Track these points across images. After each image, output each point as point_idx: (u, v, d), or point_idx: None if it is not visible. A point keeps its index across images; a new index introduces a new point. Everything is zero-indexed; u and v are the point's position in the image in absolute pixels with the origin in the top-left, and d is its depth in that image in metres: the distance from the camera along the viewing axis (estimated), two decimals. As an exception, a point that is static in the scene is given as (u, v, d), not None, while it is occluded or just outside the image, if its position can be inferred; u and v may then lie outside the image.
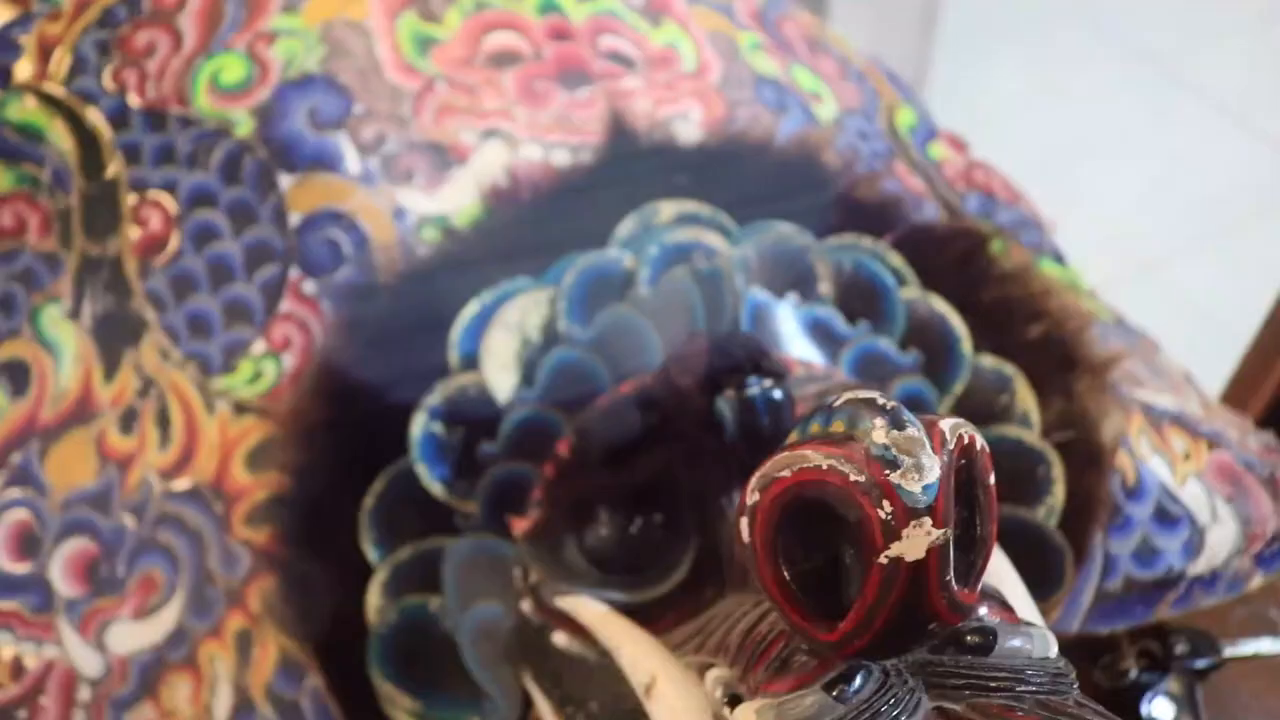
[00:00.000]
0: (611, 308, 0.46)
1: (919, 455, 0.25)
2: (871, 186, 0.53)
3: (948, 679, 0.27)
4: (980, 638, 0.27)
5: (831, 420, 0.27)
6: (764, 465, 0.27)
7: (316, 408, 0.49)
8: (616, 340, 0.46)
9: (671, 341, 0.45)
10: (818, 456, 0.26)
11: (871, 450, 0.25)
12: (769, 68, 0.64)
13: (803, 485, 0.26)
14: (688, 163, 0.50)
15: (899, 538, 0.25)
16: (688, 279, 0.45)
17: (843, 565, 0.27)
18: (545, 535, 0.42)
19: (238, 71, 0.55)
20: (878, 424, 0.25)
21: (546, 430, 0.46)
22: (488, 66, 0.56)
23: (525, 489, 0.46)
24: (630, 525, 0.39)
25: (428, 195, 0.53)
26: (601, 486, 0.39)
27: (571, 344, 0.46)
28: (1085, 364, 0.52)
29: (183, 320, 0.53)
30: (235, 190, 0.53)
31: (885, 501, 0.25)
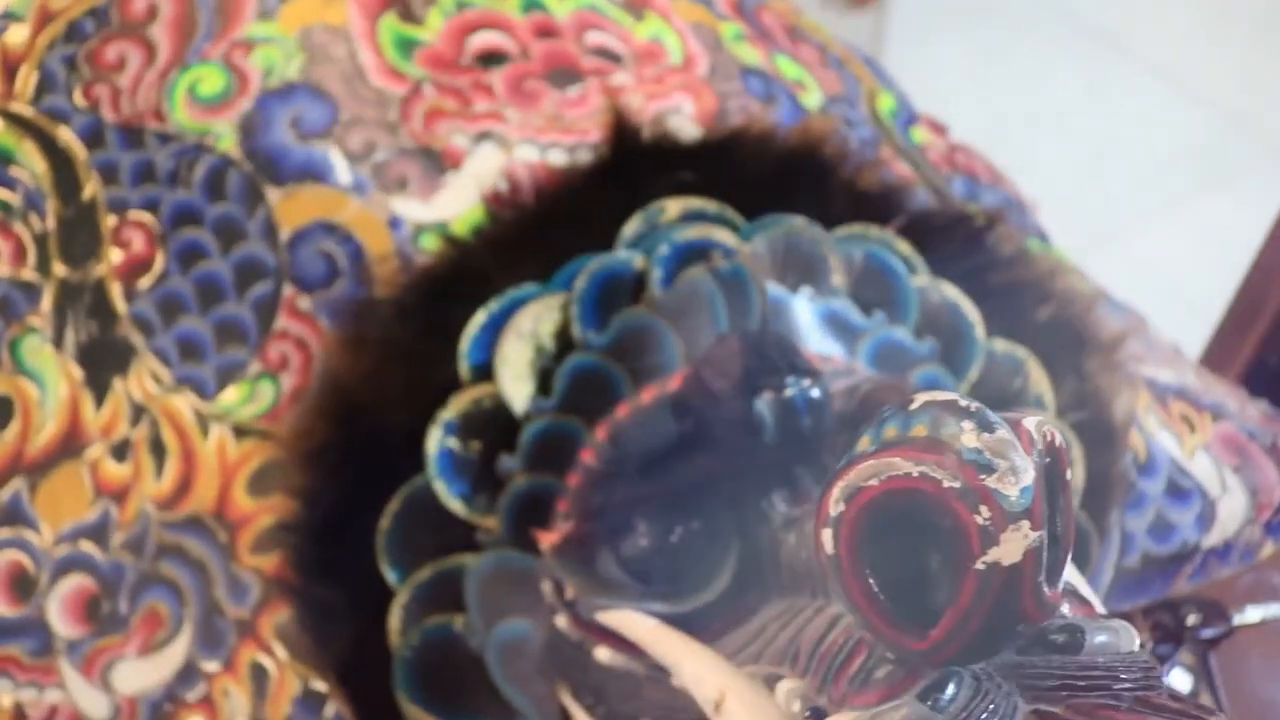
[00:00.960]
0: (627, 311, 0.45)
1: (1012, 457, 0.24)
2: (874, 175, 0.52)
3: (1041, 681, 0.26)
4: (1068, 636, 0.27)
5: (911, 424, 0.26)
6: (845, 474, 0.26)
7: (322, 428, 0.47)
8: (634, 344, 0.45)
9: (692, 343, 0.44)
10: (907, 464, 0.25)
11: (964, 455, 0.24)
12: (753, 58, 0.63)
13: (892, 494, 0.25)
14: (691, 159, 0.49)
15: (996, 543, 0.24)
16: (706, 279, 0.44)
17: (927, 571, 0.26)
18: (577, 548, 0.40)
19: (216, 83, 0.53)
20: (966, 427, 0.25)
21: (568, 440, 0.44)
22: (475, 67, 0.55)
23: (549, 501, 0.44)
24: (670, 535, 0.38)
25: (423, 203, 0.52)
26: (640, 498, 0.38)
27: (588, 350, 0.45)
28: (1095, 343, 0.52)
29: (173, 344, 0.51)
30: (221, 207, 0.51)
31: (982, 507, 0.24)
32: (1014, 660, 0.27)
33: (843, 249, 0.49)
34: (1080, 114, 1.83)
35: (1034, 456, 0.25)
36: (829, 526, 0.26)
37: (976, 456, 0.24)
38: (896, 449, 0.26)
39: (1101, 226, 1.64)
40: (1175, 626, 0.59)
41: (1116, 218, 1.64)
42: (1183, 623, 0.59)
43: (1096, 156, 1.74)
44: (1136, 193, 1.68)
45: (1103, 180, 1.71)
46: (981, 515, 0.24)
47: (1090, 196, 1.69)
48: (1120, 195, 1.70)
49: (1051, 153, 1.71)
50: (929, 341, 0.49)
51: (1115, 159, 1.74)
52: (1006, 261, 0.53)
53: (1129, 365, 0.53)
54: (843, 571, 0.26)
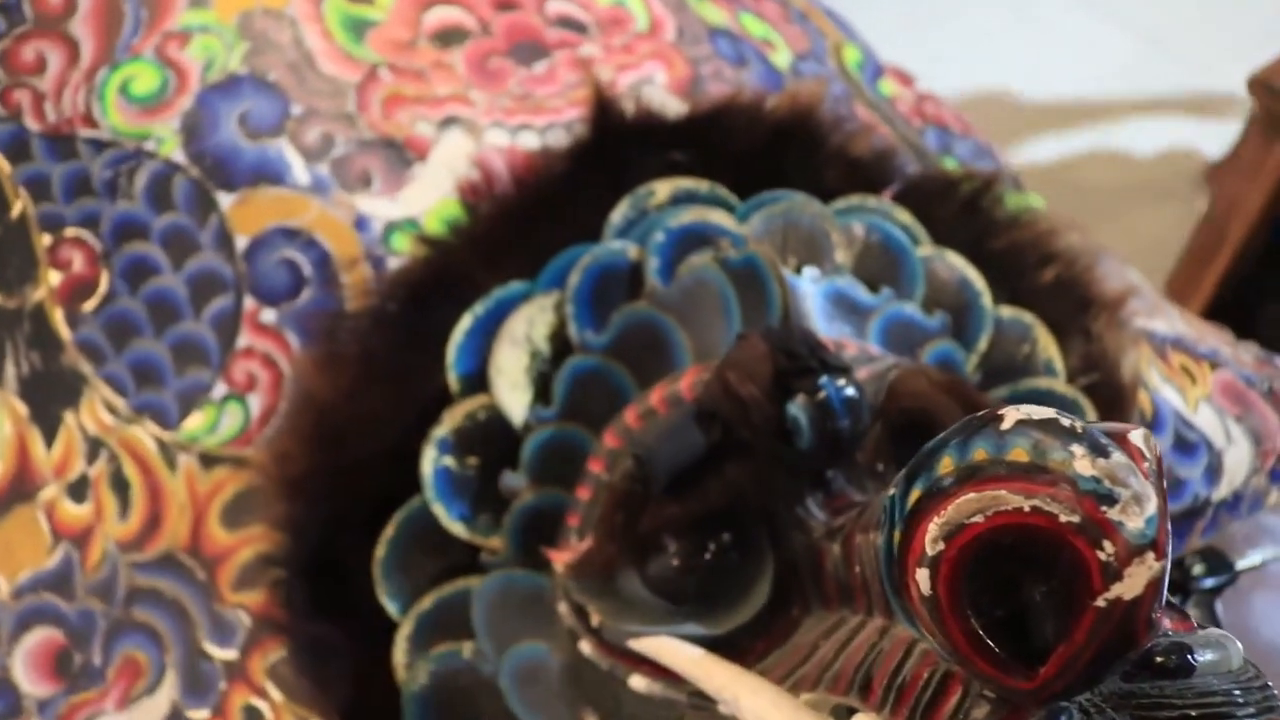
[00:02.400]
0: (627, 308, 0.42)
1: (1133, 484, 0.22)
2: (865, 141, 0.49)
3: (1156, 711, 0.24)
4: (1176, 658, 0.25)
5: (1006, 446, 0.24)
6: (940, 508, 0.24)
7: (303, 453, 0.44)
8: (637, 342, 0.42)
9: (701, 339, 0.41)
10: (1016, 497, 0.23)
11: (1080, 485, 0.22)
12: (718, 17, 0.60)
13: (999, 531, 0.23)
14: (678, 137, 0.46)
15: (1120, 578, 0.22)
16: (714, 270, 0.41)
17: (1031, 604, 0.24)
18: (598, 569, 0.38)
19: (150, 80, 0.48)
20: (1077, 452, 0.22)
21: (574, 449, 0.42)
22: (433, 47, 0.51)
23: (558, 516, 0.42)
24: (703, 552, 0.36)
25: (390, 199, 0.48)
26: (671, 517, 0.35)
27: (587, 351, 0.42)
28: (1100, 302, 0.50)
29: (126, 370, 0.47)
30: (168, 217, 0.47)
31: (1106, 542, 0.22)
32: (1123, 689, 0.25)
33: (843, 222, 0.46)
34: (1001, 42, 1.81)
35: (1152, 479, 0.23)
36: (925, 566, 0.24)
37: (1095, 486, 0.22)
38: (998, 479, 0.23)
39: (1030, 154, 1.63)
40: (1180, 579, 0.59)
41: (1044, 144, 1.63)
42: (1188, 574, 0.59)
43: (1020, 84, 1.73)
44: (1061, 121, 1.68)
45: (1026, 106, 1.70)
46: (1105, 551, 0.22)
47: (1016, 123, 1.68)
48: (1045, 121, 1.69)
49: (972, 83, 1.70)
50: (938, 315, 0.46)
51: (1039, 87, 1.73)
52: (1006, 223, 0.50)
53: (1132, 321, 0.52)
54: (941, 613, 0.24)
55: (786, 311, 0.39)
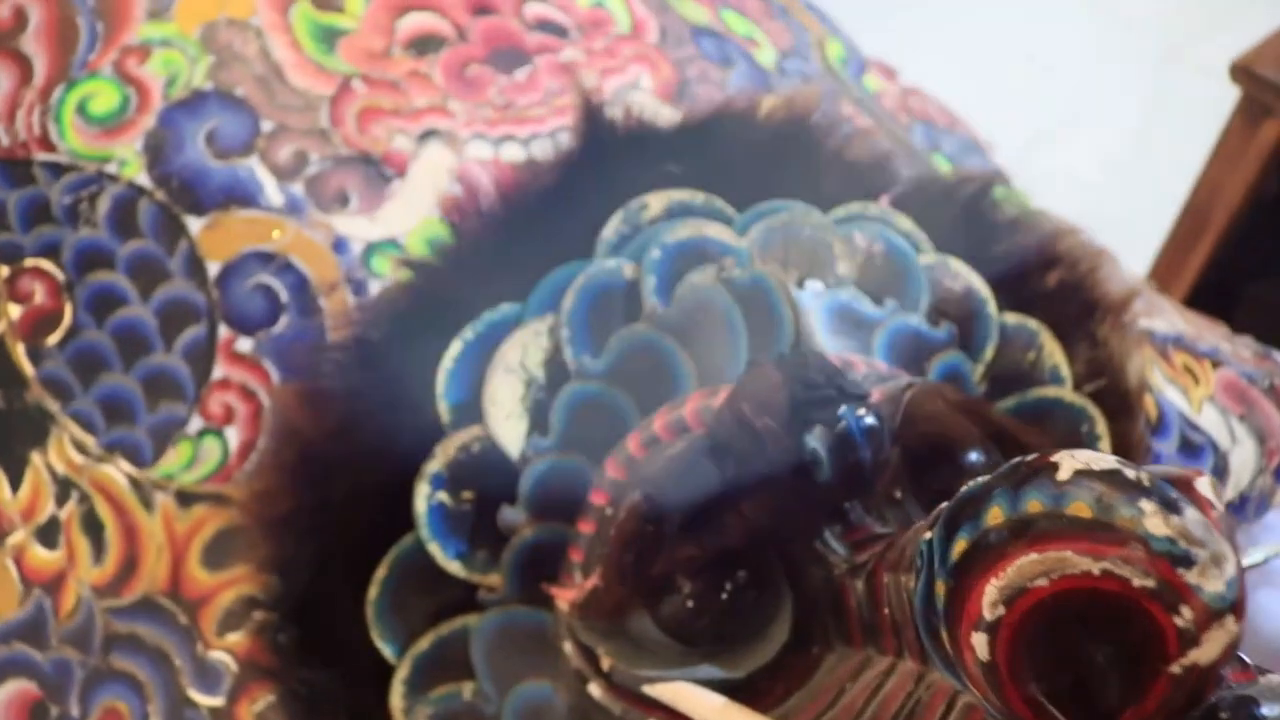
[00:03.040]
0: (626, 330, 0.40)
1: (1210, 543, 0.21)
2: (863, 144, 0.48)
3: (1225, 772, 0.23)
4: (1243, 714, 0.23)
5: (1065, 500, 0.22)
6: (997, 569, 0.22)
7: (287, 491, 0.41)
8: (638, 367, 0.40)
9: (705, 363, 0.39)
10: (1083, 559, 0.21)
11: (1153, 545, 0.21)
12: (700, 16, 0.58)
13: (1065, 595, 0.21)
14: (671, 147, 0.44)
15: (1197, 644, 0.21)
16: (718, 290, 0.39)
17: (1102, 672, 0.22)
18: (606, 609, 0.36)
19: (110, 99, 0.46)
20: (1147, 509, 0.21)
21: (574, 481, 0.40)
22: (409, 55, 0.48)
23: (559, 551, 0.40)
24: (719, 592, 0.34)
25: (369, 218, 0.46)
26: (686, 559, 0.33)
27: (584, 377, 0.40)
28: (1105, 306, 0.49)
29: (95, 406, 0.45)
30: (134, 244, 0.44)
31: (1184, 607, 0.20)
32: (1188, 749, 0.23)
33: (844, 232, 0.44)
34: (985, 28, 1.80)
35: (1222, 529, 0.21)
36: (983, 631, 0.22)
37: (1170, 547, 0.21)
38: (1060, 537, 0.22)
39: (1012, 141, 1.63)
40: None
41: (1027, 130, 1.63)
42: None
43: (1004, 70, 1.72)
44: (1044, 106, 1.67)
45: (1010, 94, 1.69)
46: (1182, 617, 0.21)
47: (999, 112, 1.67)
48: (1030, 109, 1.69)
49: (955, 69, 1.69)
50: (945, 326, 0.45)
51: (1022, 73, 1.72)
52: (1007, 226, 0.49)
53: (1136, 323, 0.50)
54: (1000, 680, 0.22)
55: (798, 335, 0.38)
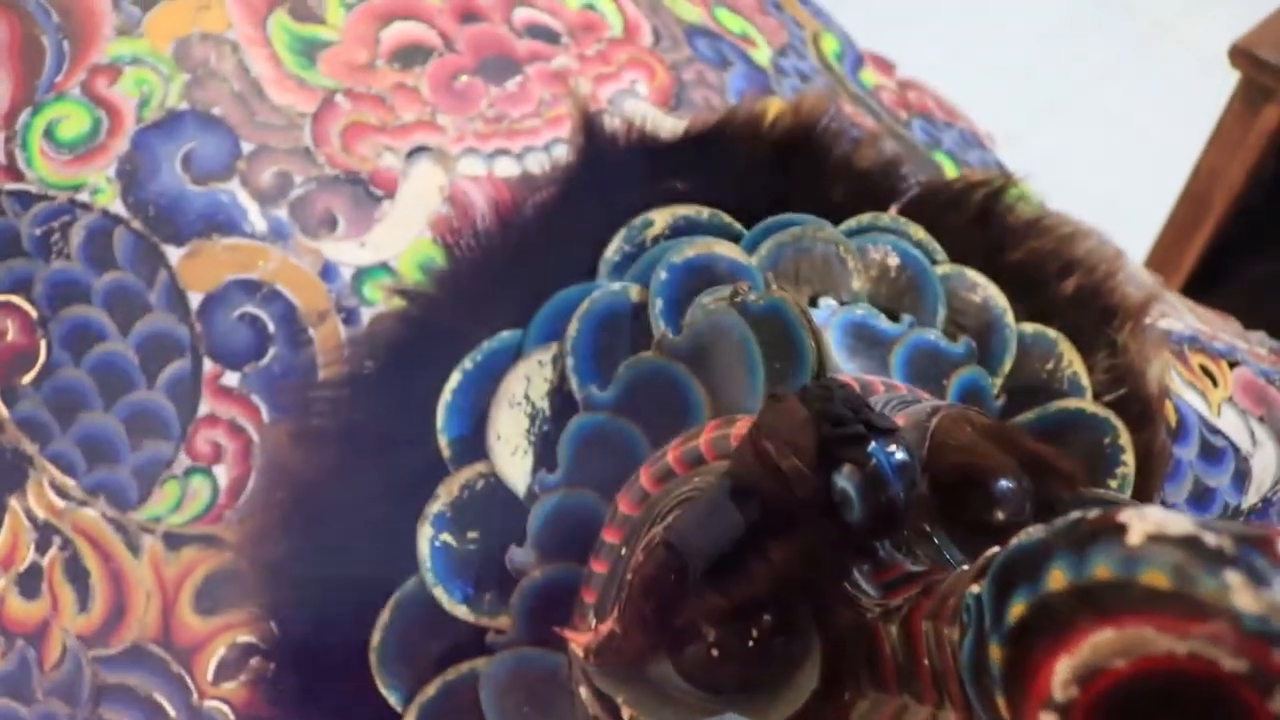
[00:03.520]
0: (635, 359, 0.38)
1: (1307, 621, 0.19)
2: (872, 150, 0.46)
3: None
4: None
5: (1138, 568, 0.20)
6: (1070, 643, 0.20)
7: (282, 534, 0.40)
8: (648, 397, 0.38)
9: (718, 392, 0.37)
10: (1166, 639, 0.19)
11: (1245, 624, 0.19)
12: (693, 14, 0.56)
13: (1146, 677, 0.20)
14: (675, 161, 0.42)
15: (1293, 731, 0.19)
16: (732, 316, 0.37)
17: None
18: (624, 657, 0.34)
19: (79, 122, 0.43)
20: (1233, 582, 0.19)
21: (585, 518, 0.38)
22: (394, 68, 0.46)
23: (571, 592, 0.38)
24: (746, 639, 0.32)
25: (358, 242, 0.43)
26: (713, 609, 0.32)
27: (592, 408, 0.38)
28: (1124, 311, 0.47)
29: (75, 447, 0.43)
30: (111, 277, 0.42)
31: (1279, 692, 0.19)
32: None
33: (857, 245, 0.42)
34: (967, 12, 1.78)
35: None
36: (1053, 712, 0.21)
37: (1262, 626, 0.19)
38: (1137, 612, 0.20)
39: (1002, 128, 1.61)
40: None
41: (1016, 117, 1.61)
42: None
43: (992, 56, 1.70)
44: (1033, 92, 1.66)
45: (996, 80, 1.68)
46: (1276, 703, 0.19)
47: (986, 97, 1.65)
48: (1017, 95, 1.67)
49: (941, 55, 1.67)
50: (963, 340, 0.43)
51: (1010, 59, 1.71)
52: (1022, 230, 0.47)
53: (1155, 328, 0.49)
54: (1073, 766, 0.21)
55: (821, 365, 0.36)
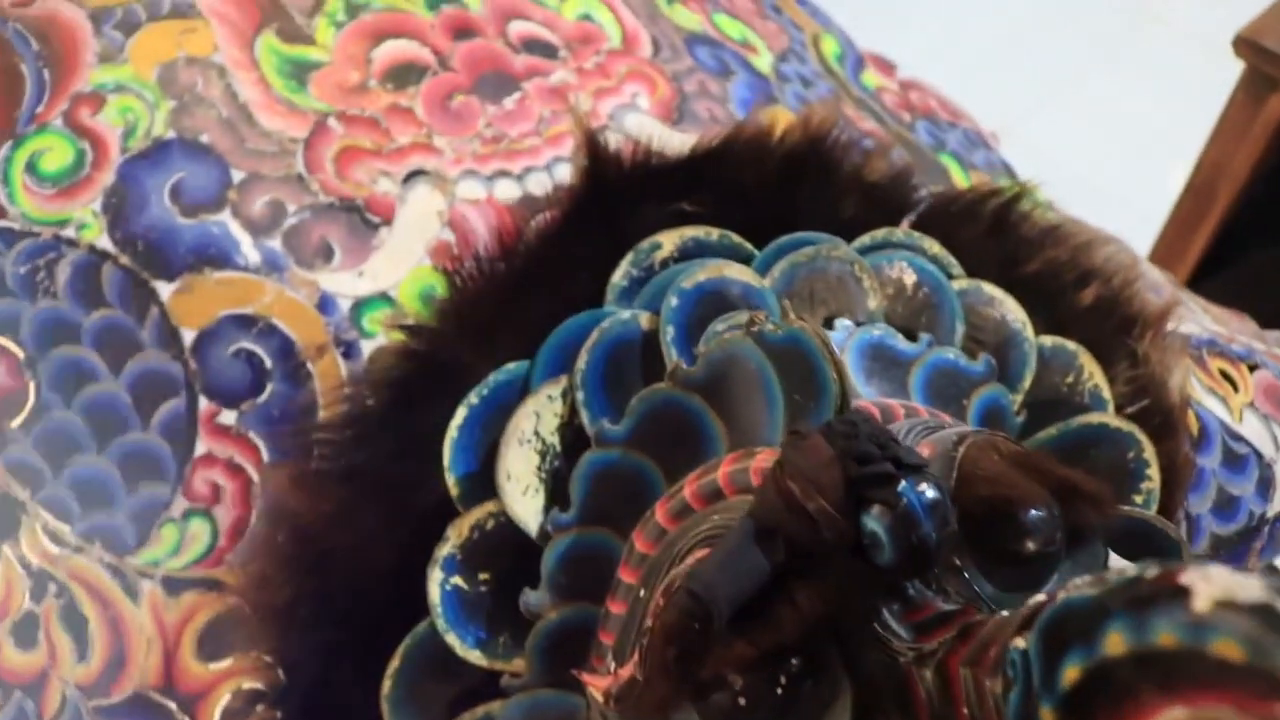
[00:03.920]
0: (648, 391, 0.37)
1: (1397, 700, 0.18)
2: (882, 162, 0.44)
3: None
4: None
5: (1207, 637, 0.19)
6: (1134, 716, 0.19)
7: (287, 579, 0.38)
8: (662, 431, 0.37)
9: (736, 425, 0.36)
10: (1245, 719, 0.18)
11: (1332, 706, 0.18)
12: (692, 21, 0.55)
13: (1223, 760, 0.18)
14: (682, 180, 0.41)
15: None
16: (749, 347, 0.36)
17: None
18: (646, 705, 0.33)
19: (62, 154, 0.42)
20: (1315, 658, 0.18)
21: (600, 557, 0.36)
22: (387, 88, 0.44)
23: (588, 633, 0.37)
24: (774, 685, 0.31)
25: (356, 273, 0.42)
26: (740, 657, 0.30)
27: (605, 444, 0.37)
28: (1144, 320, 0.46)
29: (68, 491, 0.41)
30: (100, 314, 0.41)
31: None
32: None
33: (873, 263, 0.41)
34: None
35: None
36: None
37: (1351, 709, 0.18)
38: (1211, 687, 0.19)
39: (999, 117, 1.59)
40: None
41: (1014, 106, 1.60)
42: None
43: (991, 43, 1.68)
44: (1030, 80, 1.64)
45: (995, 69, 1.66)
46: (1369, 790, 0.18)
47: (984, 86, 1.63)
48: (1016, 84, 1.65)
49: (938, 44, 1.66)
50: (982, 358, 0.42)
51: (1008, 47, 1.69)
52: (1037, 240, 0.46)
53: (1175, 334, 0.48)
54: None
55: (844, 399, 0.34)
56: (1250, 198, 0.82)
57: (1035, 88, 1.61)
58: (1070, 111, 1.62)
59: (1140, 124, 1.64)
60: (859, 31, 0.69)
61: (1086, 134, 1.55)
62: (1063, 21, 1.74)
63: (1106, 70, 1.69)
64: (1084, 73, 1.68)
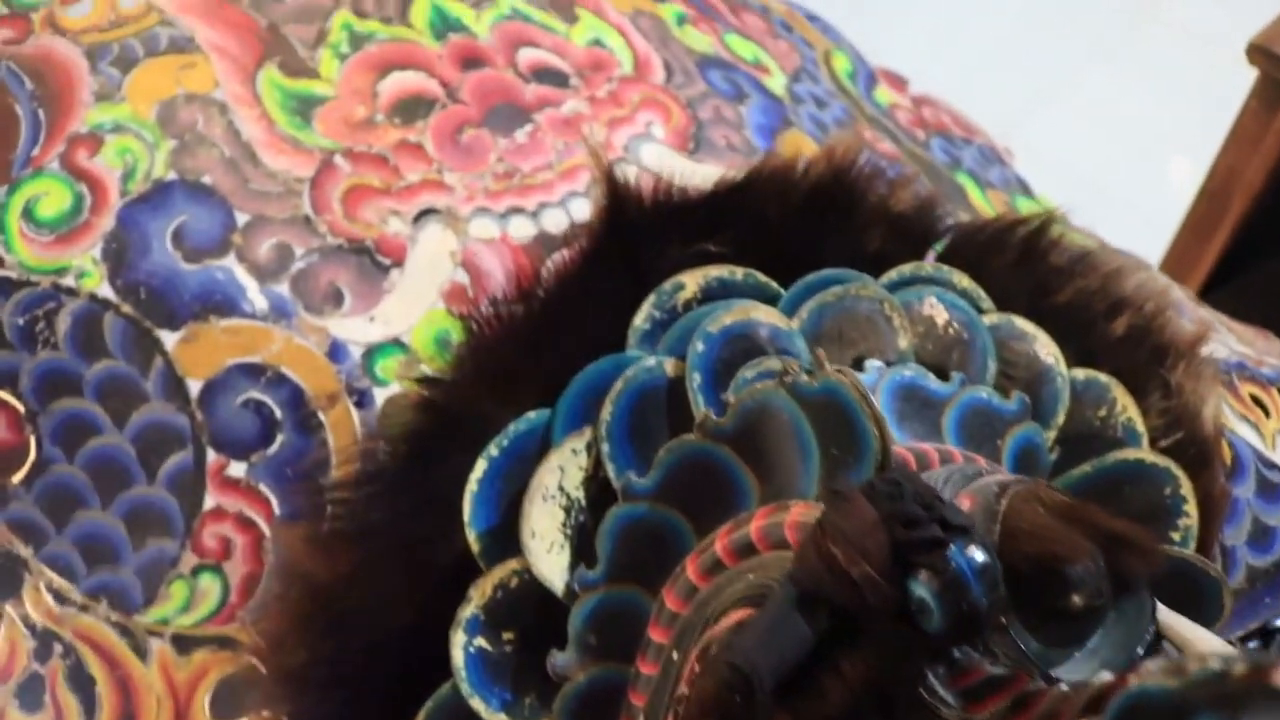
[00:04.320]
0: (676, 443, 0.35)
1: None
2: (906, 192, 0.43)
3: None
4: None
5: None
6: None
7: (303, 640, 0.37)
8: (691, 483, 0.35)
9: (769, 478, 0.35)
10: None
11: None
12: (703, 44, 0.53)
13: None
14: (704, 219, 0.39)
15: None
16: (782, 398, 0.34)
17: None
18: (683, 772, 0.32)
19: (60, 199, 0.40)
20: None
21: (629, 616, 0.35)
22: (395, 122, 0.43)
23: (617, 694, 0.35)
24: (817, 758, 0.30)
25: (367, 318, 0.40)
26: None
27: (632, 497, 0.36)
28: (1176, 349, 0.45)
29: (72, 548, 0.40)
30: (103, 365, 0.39)
31: None
32: None
33: (902, 300, 0.40)
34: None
35: None
36: None
37: None
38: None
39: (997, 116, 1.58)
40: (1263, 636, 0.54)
41: (1012, 105, 1.58)
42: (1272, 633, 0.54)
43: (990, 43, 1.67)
44: (1028, 79, 1.63)
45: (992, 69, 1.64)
46: None
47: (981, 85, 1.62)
48: (1013, 82, 1.63)
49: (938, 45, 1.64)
50: (1015, 395, 0.40)
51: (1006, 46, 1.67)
52: (1067, 269, 0.45)
53: (1207, 362, 0.46)
54: None
55: (885, 456, 0.33)
56: (1263, 205, 0.81)
57: (1034, 88, 1.60)
58: (1069, 111, 1.61)
59: (1140, 124, 1.63)
60: (857, 33, 0.68)
61: (1086, 134, 1.54)
62: (1061, 21, 1.73)
63: (1105, 70, 1.68)
64: (1083, 72, 1.66)
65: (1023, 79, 1.59)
